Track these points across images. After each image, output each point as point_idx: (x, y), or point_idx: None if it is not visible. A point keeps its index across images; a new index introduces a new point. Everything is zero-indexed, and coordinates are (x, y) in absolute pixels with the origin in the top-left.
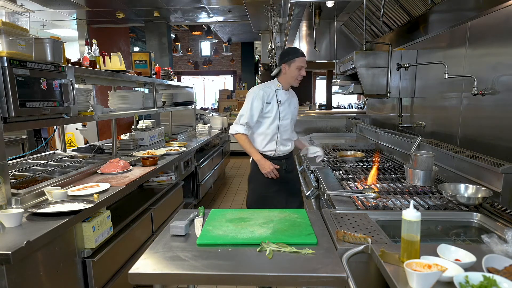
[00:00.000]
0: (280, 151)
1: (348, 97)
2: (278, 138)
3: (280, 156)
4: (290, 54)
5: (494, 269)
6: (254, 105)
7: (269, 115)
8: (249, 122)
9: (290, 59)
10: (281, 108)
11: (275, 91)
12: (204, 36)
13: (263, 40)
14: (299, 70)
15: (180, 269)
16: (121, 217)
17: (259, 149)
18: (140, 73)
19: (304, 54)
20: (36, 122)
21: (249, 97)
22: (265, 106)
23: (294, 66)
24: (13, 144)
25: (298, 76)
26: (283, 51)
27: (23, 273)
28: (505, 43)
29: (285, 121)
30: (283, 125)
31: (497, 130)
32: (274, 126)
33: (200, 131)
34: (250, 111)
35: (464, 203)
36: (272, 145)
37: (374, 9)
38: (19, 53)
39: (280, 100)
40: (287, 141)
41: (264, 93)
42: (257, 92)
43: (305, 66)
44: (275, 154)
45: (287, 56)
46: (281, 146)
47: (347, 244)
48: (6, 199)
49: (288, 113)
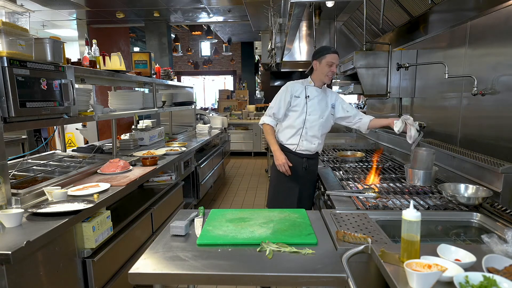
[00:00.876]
0: (303, 146)
1: (348, 97)
2: (303, 132)
3: (302, 154)
4: (321, 51)
5: (494, 269)
6: (283, 98)
7: (296, 108)
8: (276, 114)
9: (320, 55)
10: (309, 103)
11: (305, 86)
12: (204, 36)
13: (263, 40)
14: (329, 66)
15: (180, 269)
16: (121, 217)
17: (283, 141)
18: (140, 73)
19: (337, 52)
20: (36, 122)
21: (280, 91)
22: (293, 99)
23: (325, 62)
24: (13, 144)
25: (328, 72)
26: (315, 50)
27: (23, 273)
28: (505, 43)
29: (312, 116)
30: (309, 120)
31: (497, 130)
32: (300, 120)
33: (200, 131)
34: (278, 103)
35: (464, 203)
36: (295, 139)
37: (374, 9)
38: (19, 53)
39: (308, 95)
40: (313, 138)
41: (294, 87)
42: (287, 86)
43: (337, 63)
44: (297, 148)
45: (318, 53)
46: (305, 142)
47: (347, 244)
48: (6, 199)
49: (317, 109)
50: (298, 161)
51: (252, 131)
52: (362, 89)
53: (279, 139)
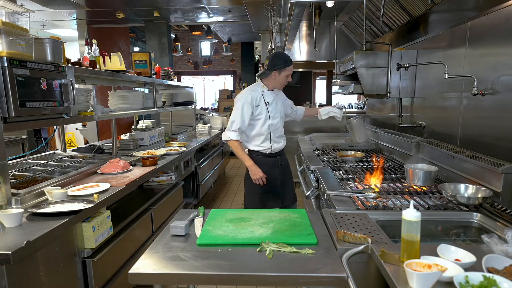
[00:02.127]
0: (275, 148)
1: (348, 97)
2: (271, 137)
3: (275, 153)
4: (281, 63)
5: (494, 269)
6: (245, 110)
7: (259, 117)
8: (241, 127)
9: (281, 67)
10: (269, 108)
11: (261, 93)
12: (204, 36)
13: (263, 40)
14: (287, 77)
15: (180, 269)
16: (121, 217)
17: (254, 148)
18: (140, 73)
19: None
20: (36, 122)
21: (238, 103)
22: (254, 109)
23: (284, 74)
24: (13, 144)
25: (285, 82)
26: (274, 56)
27: (23, 273)
28: (505, 43)
29: (275, 119)
30: (274, 124)
31: (497, 130)
32: (266, 126)
33: (200, 131)
34: (241, 116)
35: (464, 203)
36: (266, 144)
37: (374, 9)
38: (19, 53)
39: (267, 101)
40: (279, 138)
41: (252, 97)
42: (246, 98)
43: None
44: (270, 151)
45: (279, 64)
46: (275, 144)
47: (347, 244)
48: (6, 199)
49: (277, 111)
50: (273, 161)
51: None
52: (362, 89)
53: (249, 147)
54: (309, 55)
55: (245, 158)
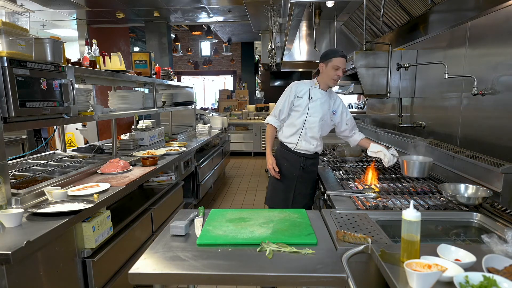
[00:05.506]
0: (301, 146)
1: (348, 97)
2: (302, 132)
3: (301, 153)
4: (328, 54)
5: (494, 269)
6: (286, 98)
7: (298, 109)
8: (280, 113)
9: (327, 58)
10: (311, 104)
11: (309, 87)
12: (204, 36)
13: (263, 40)
14: (335, 70)
15: (180, 269)
16: (121, 217)
17: (282, 139)
18: (140, 73)
19: (345, 55)
20: (36, 122)
21: (285, 90)
22: (296, 99)
23: (331, 65)
24: (13, 144)
25: (334, 76)
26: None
27: (23, 273)
28: (505, 43)
29: (313, 117)
30: (310, 121)
31: (497, 130)
32: (301, 121)
33: (200, 131)
34: (283, 103)
35: (464, 203)
36: (294, 138)
37: (374, 9)
38: (19, 53)
39: (312, 96)
40: (312, 139)
41: (298, 87)
42: (292, 86)
43: (343, 67)
44: (295, 148)
45: (325, 56)
46: (303, 142)
47: (347, 244)
48: (6, 199)
49: (319, 111)
50: (296, 160)
51: (252, 131)
52: (362, 89)
53: (280, 137)
54: (309, 55)
55: (268, 145)
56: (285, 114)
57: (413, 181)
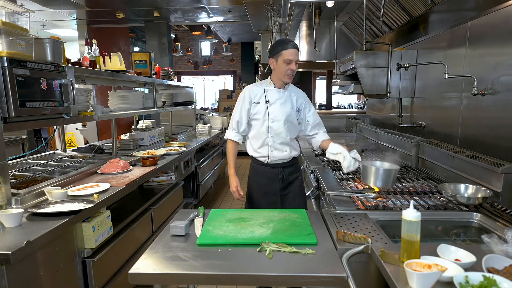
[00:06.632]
0: (274, 157)
1: (348, 97)
2: (270, 142)
3: (276, 164)
4: (276, 47)
5: (494, 269)
6: (241, 106)
7: (257, 116)
8: (239, 126)
9: (276, 52)
10: (270, 108)
11: (263, 90)
12: (204, 36)
13: (263, 40)
14: (287, 64)
15: (180, 269)
16: (121, 217)
17: (252, 154)
18: (140, 73)
19: (296, 46)
20: (36, 122)
21: (238, 99)
22: (252, 106)
23: (281, 60)
24: (13, 144)
25: (287, 71)
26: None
27: (23, 273)
28: (505, 43)
29: (276, 123)
30: (274, 128)
31: (497, 130)
32: (264, 129)
33: (200, 131)
34: (239, 114)
35: (464, 203)
36: (264, 150)
37: (374, 9)
38: (19, 53)
39: (268, 99)
40: (283, 146)
41: (251, 93)
42: (245, 92)
43: (295, 59)
44: (268, 160)
45: (272, 49)
46: (275, 152)
47: (347, 244)
48: (6, 199)
49: (281, 113)
50: (273, 172)
51: None
52: (362, 89)
53: (249, 151)
54: (309, 55)
55: (230, 165)
56: (244, 125)
57: (413, 181)
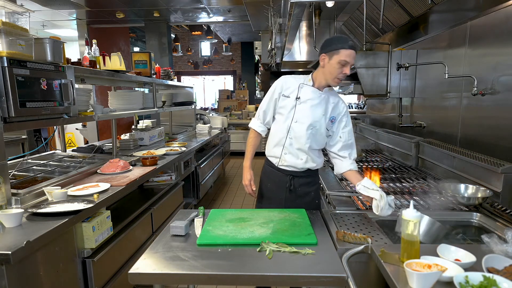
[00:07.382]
0: (286, 162)
1: (348, 97)
2: (286, 143)
3: (287, 170)
4: (334, 43)
5: (494, 269)
6: (270, 97)
7: (282, 111)
8: (263, 115)
9: (332, 49)
10: (298, 107)
11: (299, 85)
12: (204, 36)
13: (263, 40)
14: (341, 66)
15: (180, 269)
16: (121, 217)
17: (266, 151)
18: (140, 73)
19: (355, 48)
20: (36, 122)
21: (271, 88)
22: (281, 99)
23: (337, 59)
24: (13, 144)
25: (339, 74)
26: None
27: (23, 273)
28: (505, 43)
29: (299, 124)
30: (295, 129)
31: (497, 130)
32: (285, 127)
33: (200, 131)
34: (267, 103)
35: (464, 203)
36: (277, 150)
37: (374, 9)
38: (19, 53)
39: (299, 96)
40: (299, 152)
41: (284, 84)
42: (280, 80)
43: (352, 62)
44: (279, 163)
45: (330, 44)
46: (288, 155)
47: (347, 244)
48: (6, 199)
49: (307, 116)
50: (281, 179)
51: None
52: (362, 89)
53: (266, 150)
54: (309, 55)
55: (246, 156)
56: (269, 116)
57: (413, 181)
